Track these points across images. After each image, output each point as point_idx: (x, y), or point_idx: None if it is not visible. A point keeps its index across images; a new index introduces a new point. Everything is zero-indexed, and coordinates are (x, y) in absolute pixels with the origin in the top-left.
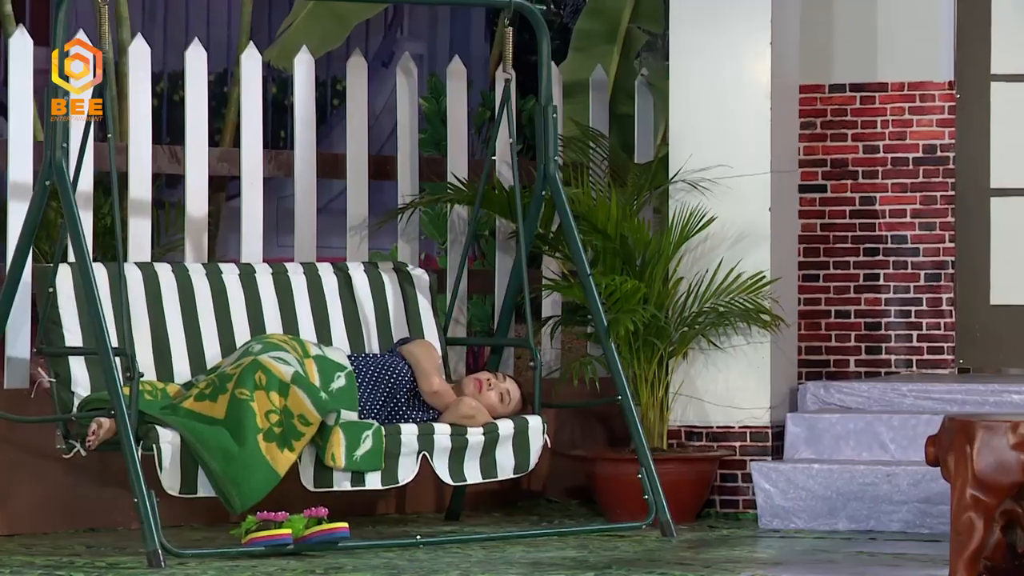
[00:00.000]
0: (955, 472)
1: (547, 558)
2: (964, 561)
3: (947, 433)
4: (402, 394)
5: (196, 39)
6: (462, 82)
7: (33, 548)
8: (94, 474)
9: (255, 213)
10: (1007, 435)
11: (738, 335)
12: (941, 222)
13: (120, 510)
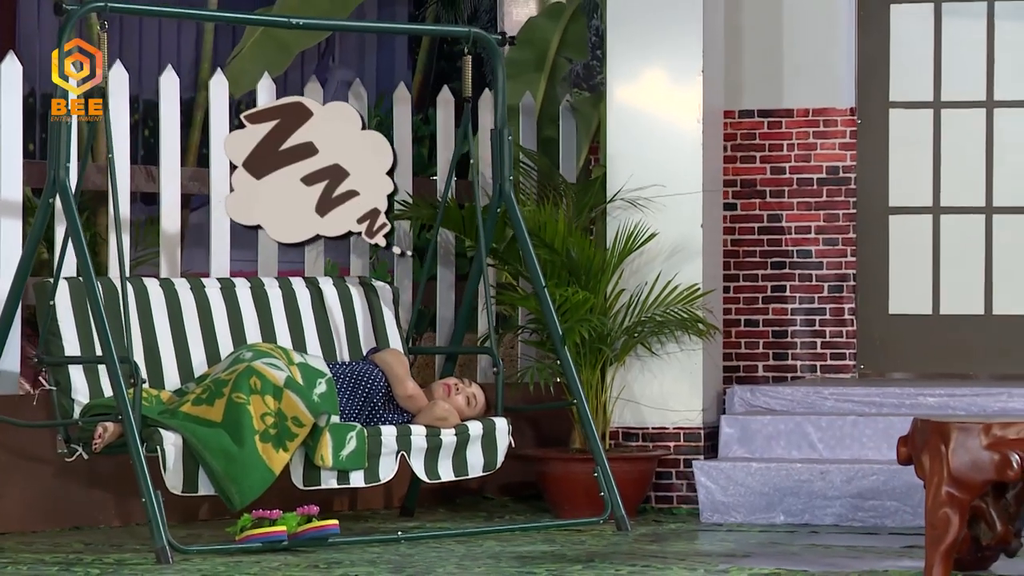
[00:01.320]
0: (930, 470)
1: (526, 552)
2: (940, 554)
3: (920, 434)
4: (378, 398)
5: (169, 66)
6: (407, 107)
7: (33, 546)
8: (80, 476)
9: (223, 229)
10: (980, 436)
11: (673, 343)
12: (843, 238)
13: (103, 509)
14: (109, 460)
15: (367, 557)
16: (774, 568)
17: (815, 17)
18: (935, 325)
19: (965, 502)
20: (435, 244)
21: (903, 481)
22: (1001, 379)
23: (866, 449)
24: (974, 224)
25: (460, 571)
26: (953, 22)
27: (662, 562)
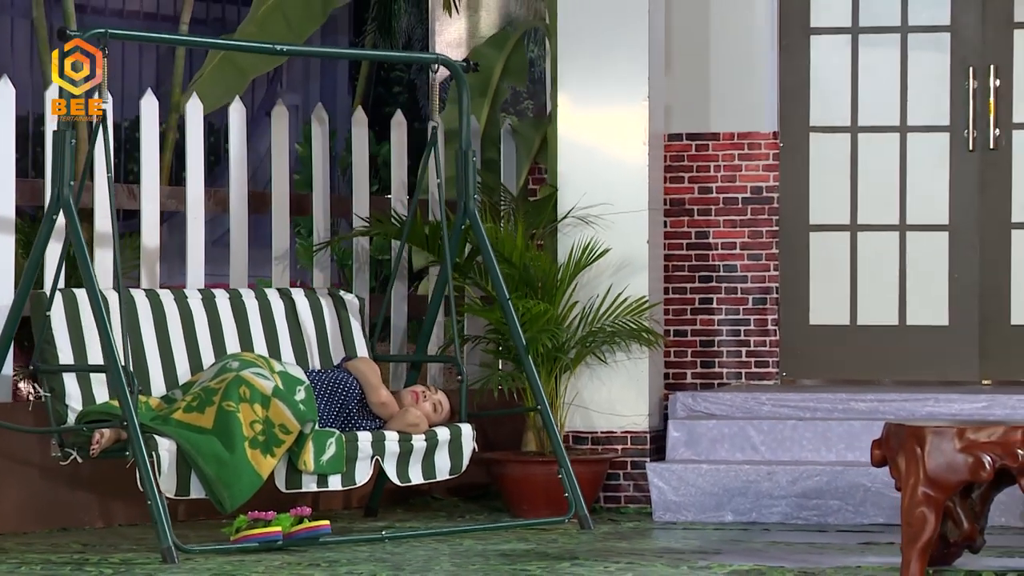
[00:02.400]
0: (907, 472)
1: (507, 549)
2: (917, 551)
3: (895, 438)
4: (353, 405)
5: (149, 90)
6: (364, 129)
7: (34, 546)
8: (65, 480)
9: (198, 243)
10: (954, 440)
11: (621, 352)
12: (766, 253)
13: (86, 511)
14: (91, 464)
15: (360, 556)
16: (753, 564)
17: (740, 47)
18: (852, 335)
19: (940, 501)
20: (399, 258)
21: (845, 481)
22: (919, 385)
23: (805, 451)
24: (889, 241)
25: (457, 568)
26: (869, 52)
27: (642, 559)
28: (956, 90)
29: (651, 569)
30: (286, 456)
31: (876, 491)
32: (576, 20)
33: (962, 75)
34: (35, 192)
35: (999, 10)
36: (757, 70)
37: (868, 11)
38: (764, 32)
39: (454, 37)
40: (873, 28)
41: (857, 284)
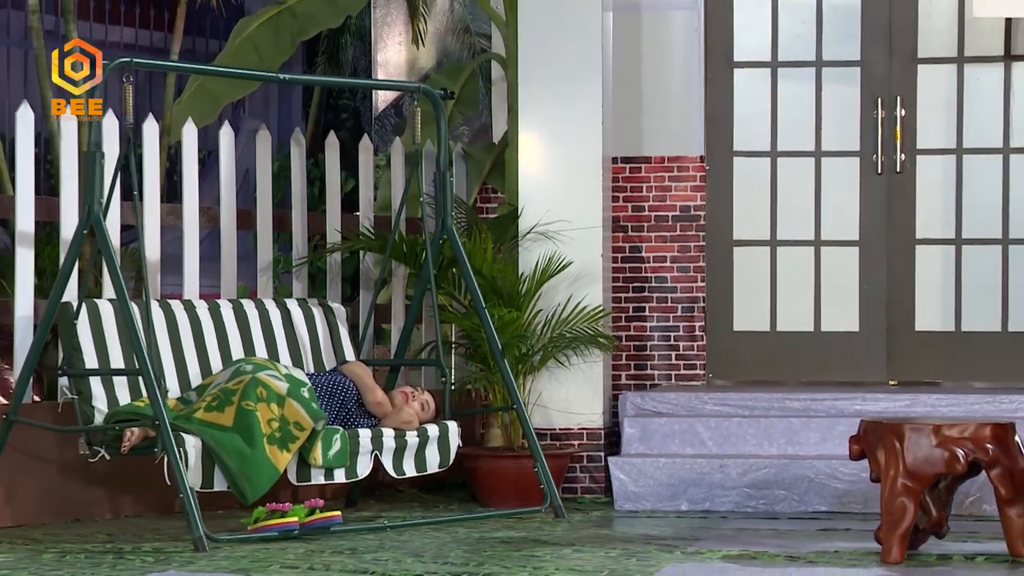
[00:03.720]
0: (887, 465)
1: (504, 536)
2: (898, 537)
3: (873, 434)
4: (351, 404)
5: (151, 115)
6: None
7: (63, 536)
8: (78, 475)
9: (194, 257)
10: (931, 436)
11: (577, 355)
12: (694, 266)
13: (97, 504)
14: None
15: (371, 543)
16: (740, 550)
17: (669, 78)
18: (772, 340)
19: (918, 492)
20: (385, 270)
21: (790, 473)
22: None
23: (749, 446)
24: (805, 254)
25: (470, 554)
26: (787, 83)
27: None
28: (865, 119)
29: (649, 554)
30: (296, 451)
31: (819, 482)
32: (535, 53)
33: (871, 105)
34: (51, 209)
35: (904, 47)
36: (685, 99)
37: (786, 47)
38: (691, 65)
39: (394, 68)
40: (790, 62)
41: (776, 294)
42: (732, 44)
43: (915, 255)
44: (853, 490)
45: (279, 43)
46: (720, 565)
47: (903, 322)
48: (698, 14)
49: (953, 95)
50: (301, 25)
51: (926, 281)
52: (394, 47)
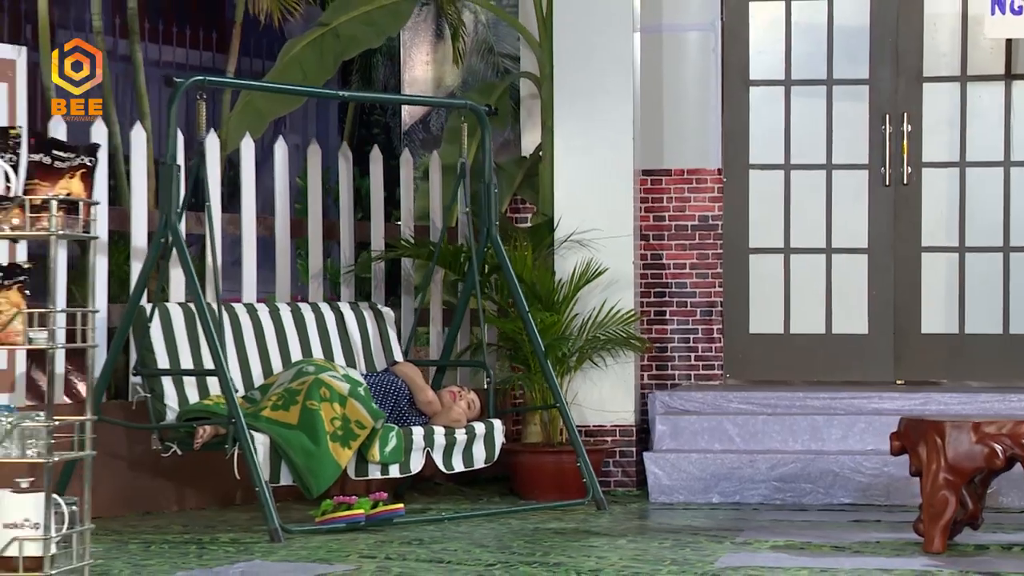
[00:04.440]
0: (928, 460)
1: (557, 527)
2: (940, 528)
3: (914, 430)
4: (404, 403)
5: (212, 130)
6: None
7: (140, 527)
8: (147, 469)
9: (252, 263)
10: (971, 433)
11: (611, 356)
12: (712, 273)
13: (164, 497)
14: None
15: (434, 534)
16: (786, 540)
17: (688, 95)
18: (786, 342)
19: (958, 485)
20: (429, 276)
21: (816, 468)
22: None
23: (775, 442)
24: (817, 261)
25: (531, 544)
26: (799, 100)
27: (680, 535)
28: (874, 134)
29: (700, 545)
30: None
31: (843, 476)
32: (569, 72)
33: (879, 121)
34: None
35: (910, 66)
36: (704, 115)
37: (798, 66)
38: (709, 83)
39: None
40: (803, 81)
41: (790, 298)
42: (748, 63)
43: (921, 262)
44: (875, 483)
45: (323, 63)
46: (773, 555)
47: (910, 325)
48: (715, 35)
49: (957, 112)
50: (344, 46)
51: (931, 286)
52: (421, 66)
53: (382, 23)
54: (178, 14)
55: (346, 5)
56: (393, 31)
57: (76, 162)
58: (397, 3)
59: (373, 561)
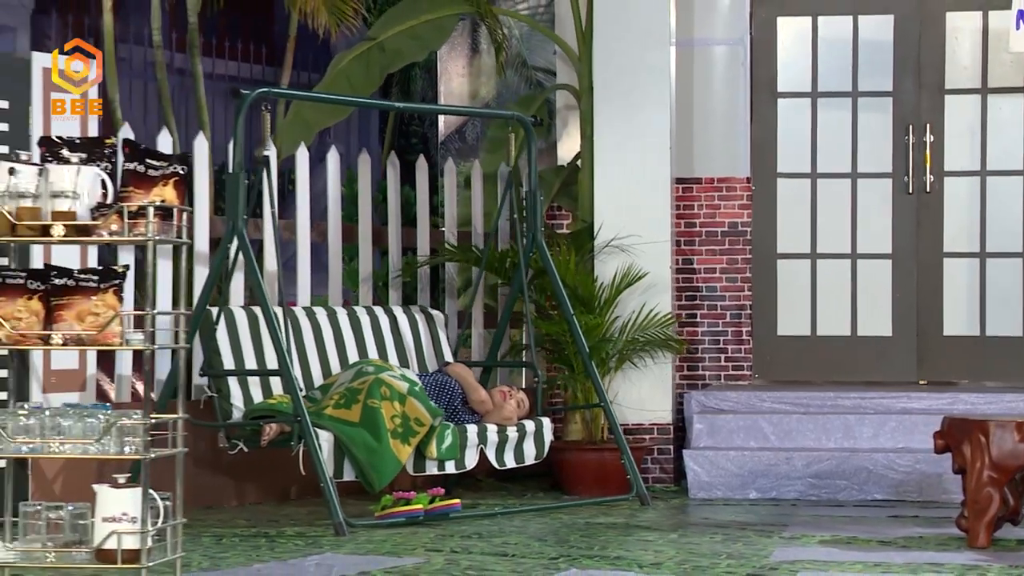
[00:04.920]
0: (972, 458)
1: (607, 522)
2: (984, 524)
3: (958, 429)
4: (457, 402)
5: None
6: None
7: (207, 522)
8: (208, 466)
9: (307, 268)
10: (1014, 432)
11: (649, 357)
12: (741, 277)
13: (226, 492)
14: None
15: (491, 528)
16: (831, 535)
17: (719, 106)
18: (813, 343)
19: (1002, 483)
20: (480, 281)
21: (851, 465)
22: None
23: (809, 440)
24: (842, 266)
25: (587, 538)
26: (825, 112)
27: (727, 529)
28: (897, 144)
29: (750, 539)
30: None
31: (877, 473)
32: (609, 84)
33: (902, 132)
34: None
35: (932, 79)
36: (733, 126)
37: (825, 79)
38: (739, 95)
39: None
40: (829, 93)
41: (816, 302)
42: (776, 76)
43: (943, 267)
44: (908, 480)
45: (369, 75)
46: (823, 549)
47: (932, 327)
48: (745, 49)
49: (977, 122)
50: (389, 59)
51: (953, 290)
52: (457, 79)
53: (426, 37)
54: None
55: (392, 20)
56: (437, 45)
57: (169, 170)
58: (441, 18)
59: (439, 554)
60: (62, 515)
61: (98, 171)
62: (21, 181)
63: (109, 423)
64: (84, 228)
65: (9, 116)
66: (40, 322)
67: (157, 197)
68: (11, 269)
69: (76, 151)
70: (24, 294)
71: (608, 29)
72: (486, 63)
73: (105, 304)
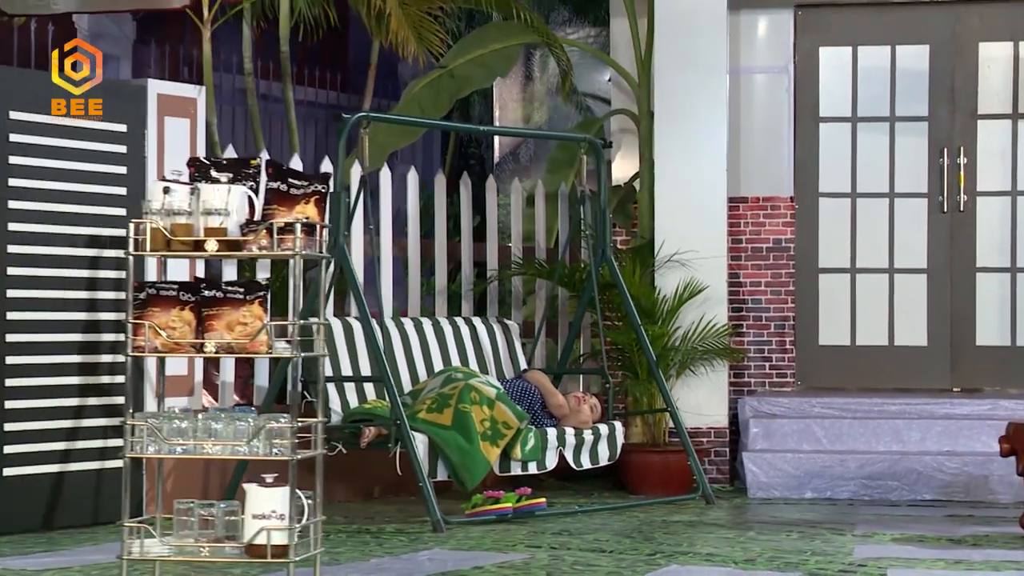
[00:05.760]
0: None
1: (680, 519)
2: None
3: (1021, 434)
4: (536, 407)
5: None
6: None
7: None
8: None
9: (388, 281)
10: None
11: (706, 365)
12: (785, 290)
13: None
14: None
15: (576, 526)
16: (901, 533)
17: (764, 130)
18: (852, 352)
19: None
20: (550, 293)
21: (902, 467)
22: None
23: (859, 443)
24: (880, 280)
25: (669, 536)
26: (865, 135)
27: (798, 527)
28: (932, 165)
29: (826, 536)
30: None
31: (926, 474)
32: (669, 110)
33: (937, 154)
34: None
35: (965, 105)
36: (778, 148)
37: (864, 104)
38: (783, 119)
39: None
40: (868, 118)
41: (856, 313)
42: (818, 102)
43: (976, 281)
44: (956, 481)
45: (439, 101)
46: (899, 547)
47: (965, 337)
48: (788, 77)
49: (1008, 145)
50: (458, 85)
51: (985, 303)
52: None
53: (494, 65)
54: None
55: (463, 49)
56: (503, 72)
57: (310, 189)
58: (507, 47)
59: (540, 551)
60: (213, 512)
61: (246, 190)
62: (175, 199)
63: (258, 426)
64: (235, 243)
65: (126, 138)
66: (192, 331)
67: (300, 214)
68: (164, 282)
69: (223, 171)
70: (176, 305)
71: (668, 59)
72: (538, 90)
73: (252, 315)
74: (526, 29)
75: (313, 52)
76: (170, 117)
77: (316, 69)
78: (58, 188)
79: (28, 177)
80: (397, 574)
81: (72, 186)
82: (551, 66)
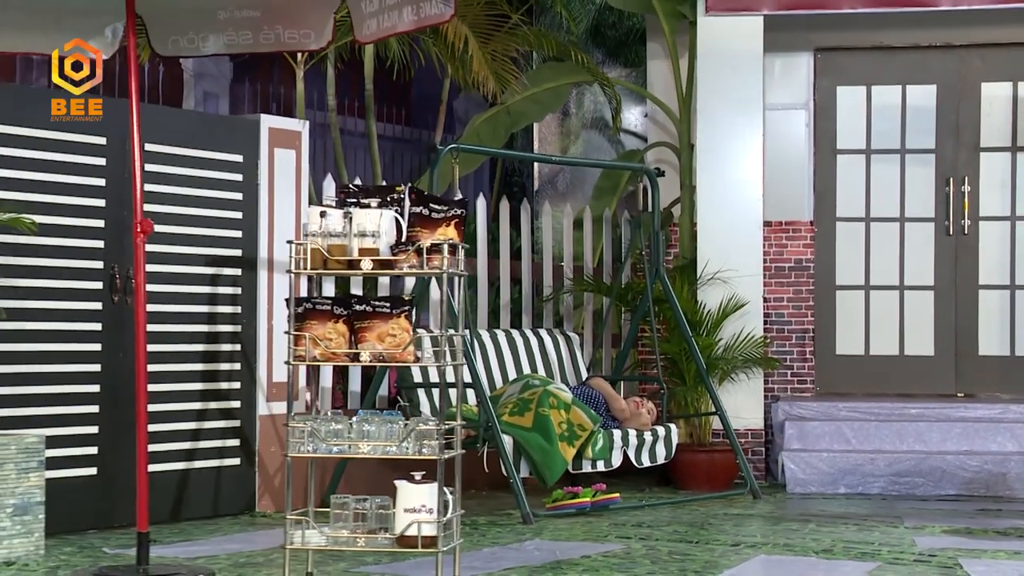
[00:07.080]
0: None
1: (734, 513)
2: None
3: None
4: (601, 410)
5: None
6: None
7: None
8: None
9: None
10: None
11: (743, 372)
12: (805, 305)
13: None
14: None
15: (648, 519)
16: (948, 525)
17: (786, 161)
18: (866, 361)
19: None
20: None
21: (927, 465)
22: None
23: (886, 443)
24: (891, 296)
25: (737, 527)
26: (878, 166)
27: (851, 521)
28: (939, 193)
29: (881, 528)
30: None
31: (950, 472)
32: (710, 141)
33: (943, 183)
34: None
35: (969, 139)
36: (799, 177)
37: (877, 138)
38: (803, 151)
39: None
40: (880, 150)
41: (869, 326)
42: (835, 135)
43: (978, 297)
44: (977, 478)
45: (495, 134)
46: (956, 538)
47: (969, 348)
48: (809, 113)
49: (1008, 175)
50: (513, 120)
51: (987, 317)
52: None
53: (546, 102)
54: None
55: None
56: (555, 108)
57: (451, 213)
58: (559, 86)
59: (630, 541)
60: (367, 506)
61: (395, 214)
62: (331, 222)
63: (409, 428)
64: (387, 263)
65: (241, 167)
66: (346, 342)
67: (442, 236)
68: (319, 297)
69: (370, 197)
70: (331, 318)
71: (709, 95)
72: (573, 124)
73: (400, 327)
74: (578, 69)
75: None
76: (279, 148)
77: (384, 105)
78: (182, 212)
79: (159, 203)
80: (514, 562)
81: (194, 211)
82: (586, 102)
